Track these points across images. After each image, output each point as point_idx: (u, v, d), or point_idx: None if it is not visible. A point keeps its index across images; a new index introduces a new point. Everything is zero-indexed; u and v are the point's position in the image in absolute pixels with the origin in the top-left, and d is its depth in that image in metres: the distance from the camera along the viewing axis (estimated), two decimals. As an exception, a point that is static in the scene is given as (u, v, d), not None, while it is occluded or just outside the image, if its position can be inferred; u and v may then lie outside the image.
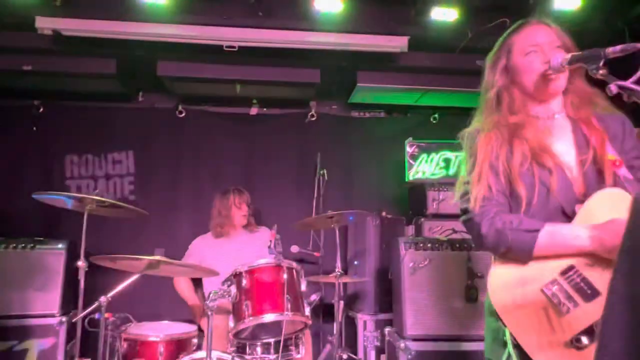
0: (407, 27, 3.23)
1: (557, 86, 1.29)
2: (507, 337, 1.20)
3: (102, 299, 2.07)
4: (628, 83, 1.00)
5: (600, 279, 1.15)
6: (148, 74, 3.46)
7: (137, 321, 2.50)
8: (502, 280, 1.24)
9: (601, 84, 1.16)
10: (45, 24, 2.99)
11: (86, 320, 2.23)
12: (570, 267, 1.18)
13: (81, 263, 2.31)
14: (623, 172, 1.21)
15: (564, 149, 1.29)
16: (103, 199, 2.37)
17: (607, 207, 1.17)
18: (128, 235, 3.57)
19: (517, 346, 1.18)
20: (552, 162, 1.24)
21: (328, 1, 3.02)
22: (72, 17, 3.02)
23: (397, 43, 3.22)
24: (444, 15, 3.11)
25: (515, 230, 1.20)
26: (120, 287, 2.10)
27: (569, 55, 1.20)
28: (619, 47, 1.08)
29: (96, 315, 2.15)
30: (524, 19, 1.39)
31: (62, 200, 2.41)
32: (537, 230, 1.18)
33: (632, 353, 0.34)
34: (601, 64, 1.10)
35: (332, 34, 3.18)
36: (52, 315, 2.84)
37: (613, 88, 1.03)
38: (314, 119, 4.03)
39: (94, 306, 2.09)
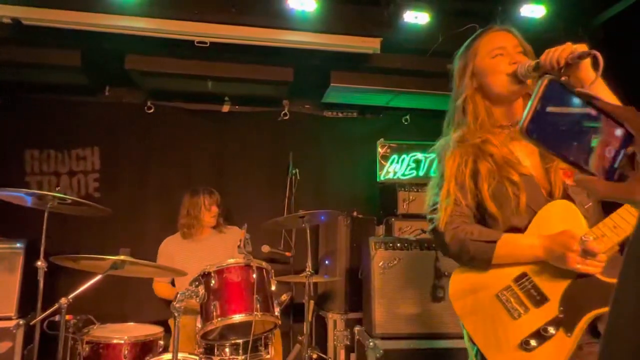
0: (380, 29, 3.26)
1: (522, 88, 1.32)
2: (466, 340, 1.31)
3: (63, 300, 1.99)
4: (586, 89, 1.03)
5: (550, 286, 1.23)
6: (116, 67, 3.35)
7: (101, 323, 2.42)
8: (461, 286, 1.33)
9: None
10: (3, 12, 2.85)
11: (45, 323, 2.13)
12: (523, 275, 1.26)
13: (40, 263, 2.22)
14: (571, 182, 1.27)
15: (529, 156, 1.33)
16: (65, 196, 2.28)
17: (557, 218, 1.25)
18: (92, 234, 3.45)
19: (477, 349, 1.27)
20: (519, 174, 1.29)
21: (302, 1, 3.01)
22: (34, 6, 2.89)
23: (370, 44, 3.24)
24: (416, 18, 3.16)
25: (475, 241, 1.28)
26: (82, 288, 2.02)
27: (533, 62, 1.24)
28: (577, 53, 1.12)
29: (56, 318, 2.07)
30: (488, 25, 1.44)
31: (21, 197, 2.31)
32: (495, 242, 1.25)
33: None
34: (563, 69, 1.14)
35: (306, 33, 3.18)
36: (9, 318, 2.71)
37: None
38: (286, 117, 4.01)
39: (53, 308, 2.00)
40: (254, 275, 2.23)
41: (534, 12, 3.16)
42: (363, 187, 4.02)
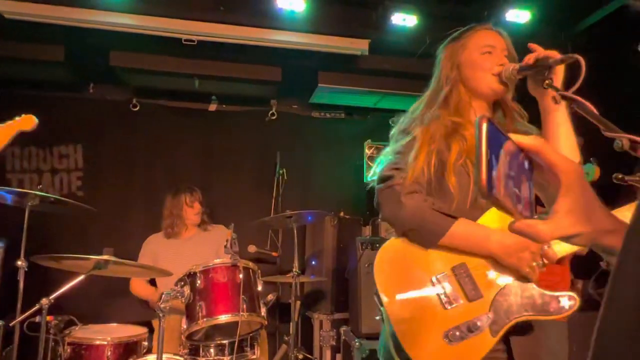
0: (369, 30, 3.27)
1: (503, 90, 1.34)
2: (384, 318, 1.21)
3: (44, 301, 1.95)
4: (569, 93, 1.06)
5: (486, 282, 1.20)
6: (100, 63, 3.30)
7: (83, 324, 2.38)
8: (392, 257, 1.26)
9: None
10: (-16, 5, 2.78)
11: (25, 324, 2.09)
12: (462, 265, 1.22)
13: (21, 262, 2.17)
14: None
15: None
16: (47, 194, 2.23)
17: (505, 219, 1.24)
18: (75, 233, 3.39)
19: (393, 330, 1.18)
20: None
21: (291, 1, 3.01)
22: (16, 0, 2.82)
23: (358, 45, 3.26)
24: (404, 20, 3.18)
25: (434, 211, 1.22)
26: (64, 289, 1.99)
27: (518, 65, 1.26)
28: (560, 57, 1.14)
29: (36, 319, 2.02)
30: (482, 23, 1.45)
31: (1, 195, 2.25)
32: (455, 218, 1.21)
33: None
34: (546, 73, 1.16)
35: (295, 33, 3.17)
36: (-13, 319, 2.64)
37: (556, 97, 1.09)
38: (274, 117, 4.00)
39: (34, 309, 1.96)
40: (241, 276, 2.22)
41: (519, 17, 3.21)
42: (350, 187, 4.03)
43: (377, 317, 1.24)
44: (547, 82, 1.18)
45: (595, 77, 1.24)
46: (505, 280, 1.20)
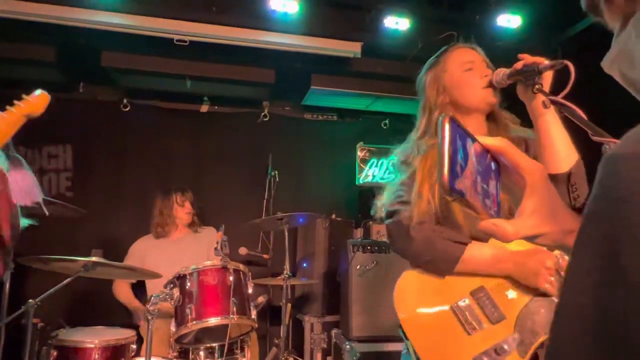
0: (361, 33, 3.28)
1: (497, 98, 1.36)
2: (410, 351, 1.20)
3: (31, 302, 1.92)
4: (559, 98, 1.07)
5: (507, 303, 1.19)
6: (91, 63, 3.26)
7: (70, 326, 2.35)
8: (411, 288, 1.26)
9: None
10: (-27, 3, 2.74)
11: (11, 327, 2.05)
12: (481, 288, 1.22)
13: (7, 264, 2.13)
14: None
15: None
16: (35, 195, 2.20)
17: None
18: (63, 235, 3.35)
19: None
20: None
21: (284, 2, 3.01)
22: (5, -2, 2.79)
23: (351, 48, 3.27)
24: (397, 24, 3.20)
25: (444, 239, 1.23)
26: (51, 291, 1.96)
27: (508, 70, 1.27)
28: (549, 63, 1.16)
29: (23, 321, 1.99)
30: (466, 36, 1.48)
31: (-13, 195, 2.21)
32: (465, 244, 1.22)
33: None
34: (536, 78, 1.17)
35: (288, 35, 3.17)
36: (-28, 321, 2.60)
37: (546, 102, 1.10)
38: (266, 119, 3.99)
39: (20, 311, 1.93)
40: (231, 278, 2.21)
41: (510, 21, 3.24)
42: (342, 190, 4.03)
43: (404, 352, 1.24)
44: (536, 87, 1.18)
45: (585, 81, 1.26)
46: (526, 298, 1.19)
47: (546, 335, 1.15)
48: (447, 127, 0.48)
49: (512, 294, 1.20)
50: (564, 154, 1.22)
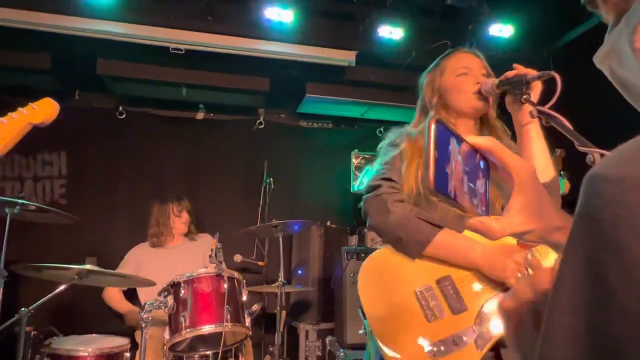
0: (356, 42, 3.32)
1: (485, 106, 1.39)
2: (367, 331, 1.21)
3: (23, 311, 1.91)
4: (545, 108, 1.09)
5: (471, 295, 1.20)
6: (87, 71, 3.28)
7: (63, 335, 2.34)
8: (380, 266, 1.27)
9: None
10: (-31, 11, 2.76)
11: (4, 335, 2.04)
12: (447, 277, 1.22)
13: (0, 272, 2.12)
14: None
15: None
16: (28, 202, 2.20)
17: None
18: (57, 242, 3.34)
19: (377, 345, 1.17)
20: None
21: (279, 12, 3.04)
22: (3, 7, 2.80)
23: (345, 57, 3.31)
24: (391, 33, 3.24)
25: (420, 219, 1.24)
26: (44, 299, 1.95)
27: (497, 80, 1.30)
28: (537, 74, 1.18)
29: (16, 329, 1.98)
30: (459, 45, 1.52)
31: (-20, 203, 2.21)
32: (440, 227, 1.23)
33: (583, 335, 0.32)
34: (524, 88, 1.20)
35: (283, 43, 3.21)
36: (-36, 330, 2.57)
37: (533, 112, 1.13)
38: (262, 126, 4.01)
39: (13, 319, 1.92)
40: (225, 285, 2.21)
41: (502, 31, 3.29)
42: (337, 197, 4.04)
43: (361, 331, 1.23)
44: (524, 97, 1.21)
45: (575, 91, 1.29)
46: (491, 293, 1.20)
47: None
48: (433, 128, 0.48)
49: (477, 286, 1.21)
50: (540, 169, 1.23)
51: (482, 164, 0.55)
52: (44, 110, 1.71)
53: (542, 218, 0.54)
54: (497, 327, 1.16)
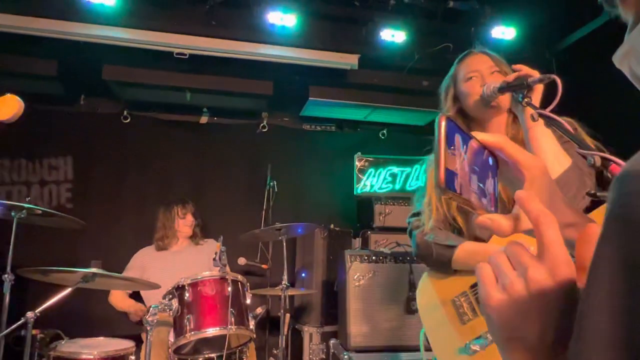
0: (358, 46, 3.33)
1: (493, 109, 1.39)
2: (421, 337, 1.46)
3: (30, 314, 1.93)
4: (546, 112, 1.10)
5: None
6: (92, 77, 3.31)
7: (69, 338, 2.35)
8: (429, 283, 1.46)
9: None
10: (-23, 18, 2.79)
11: (10, 338, 2.06)
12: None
13: (7, 275, 2.15)
14: None
15: None
16: (34, 206, 2.22)
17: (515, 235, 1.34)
18: (63, 246, 3.36)
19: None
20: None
21: (282, 16, 3.06)
22: (9, 13, 2.84)
23: (348, 60, 3.32)
24: (393, 36, 3.25)
25: (438, 244, 1.39)
26: (50, 302, 1.97)
27: (498, 84, 1.30)
28: (538, 77, 1.19)
29: (22, 332, 2.00)
30: (468, 49, 1.51)
31: (-12, 207, 2.24)
32: (455, 246, 1.36)
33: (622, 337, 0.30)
34: (525, 92, 1.20)
35: (286, 47, 3.23)
36: (-29, 333, 2.60)
37: (534, 115, 1.13)
38: (265, 130, 4.03)
39: (19, 322, 1.94)
40: (229, 288, 2.22)
41: (504, 34, 3.29)
42: (340, 200, 4.05)
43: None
44: (525, 100, 1.22)
45: (578, 92, 1.29)
46: None
47: None
48: (443, 125, 0.48)
49: None
50: (549, 166, 1.25)
51: (490, 161, 0.55)
52: (6, 107, 1.58)
53: (554, 214, 0.52)
54: None
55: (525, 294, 0.44)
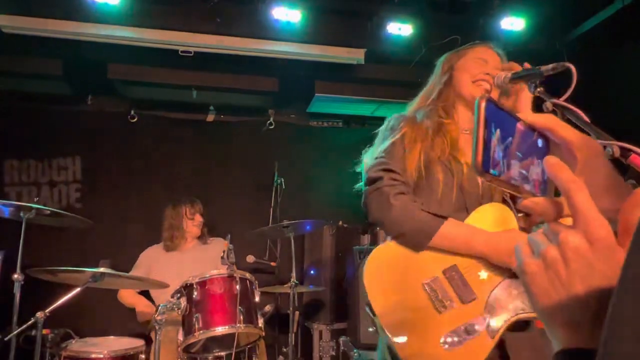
0: (364, 40, 3.30)
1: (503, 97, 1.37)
2: (378, 328, 1.19)
3: (40, 314, 1.94)
4: (561, 101, 1.06)
5: (479, 283, 1.18)
6: (98, 76, 3.32)
7: (79, 337, 2.36)
8: (384, 262, 1.24)
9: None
10: (-16, 20, 2.81)
11: (21, 338, 2.07)
12: (453, 267, 1.21)
13: (17, 275, 2.16)
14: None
15: None
16: (43, 207, 2.23)
17: (492, 219, 1.24)
18: (72, 246, 3.39)
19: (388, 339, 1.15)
20: (466, 162, 1.31)
21: (287, 12, 3.04)
22: (15, 14, 2.85)
23: (354, 55, 3.28)
24: (400, 30, 3.21)
25: (424, 211, 1.22)
26: (60, 302, 1.97)
27: (510, 73, 1.27)
28: (551, 66, 1.15)
29: (33, 332, 2.01)
30: (469, 40, 1.51)
31: (-3, 208, 2.25)
32: (445, 218, 1.21)
33: None
34: (538, 81, 1.17)
35: (291, 43, 3.20)
36: (-17, 333, 2.62)
37: (548, 105, 1.09)
38: (272, 127, 4.01)
39: (30, 322, 1.95)
40: (237, 287, 2.21)
41: (513, 25, 3.23)
42: (348, 196, 4.00)
43: (371, 329, 1.23)
44: (538, 89, 1.18)
45: (589, 82, 1.25)
46: (498, 279, 1.19)
47: (516, 316, 1.14)
48: (483, 106, 0.47)
49: (484, 274, 1.20)
50: None
51: (539, 143, 0.52)
52: None
53: (610, 197, 0.50)
54: (507, 314, 1.15)
55: (560, 258, 0.43)
